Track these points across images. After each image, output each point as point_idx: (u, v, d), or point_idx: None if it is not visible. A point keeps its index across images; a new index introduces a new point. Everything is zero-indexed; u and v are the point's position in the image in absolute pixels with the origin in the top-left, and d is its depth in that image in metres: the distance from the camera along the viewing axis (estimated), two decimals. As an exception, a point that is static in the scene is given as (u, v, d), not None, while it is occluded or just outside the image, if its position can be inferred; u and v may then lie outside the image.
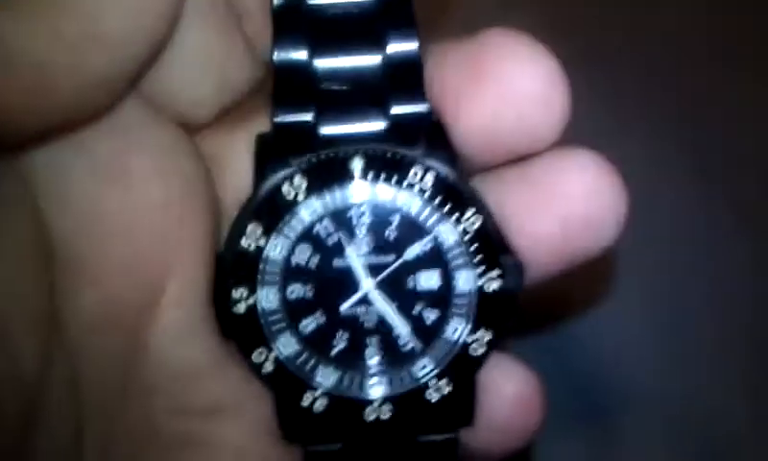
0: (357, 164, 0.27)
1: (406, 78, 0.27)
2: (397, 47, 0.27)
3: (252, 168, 0.28)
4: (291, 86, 0.27)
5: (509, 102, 0.27)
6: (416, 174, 0.27)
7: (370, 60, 0.27)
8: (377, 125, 0.28)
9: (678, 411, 0.41)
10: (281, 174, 0.27)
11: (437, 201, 0.27)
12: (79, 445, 0.27)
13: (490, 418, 0.29)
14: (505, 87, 0.27)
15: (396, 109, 0.27)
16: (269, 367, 0.28)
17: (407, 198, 0.27)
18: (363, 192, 0.27)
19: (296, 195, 0.27)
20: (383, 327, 0.28)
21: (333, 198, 0.27)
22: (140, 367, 0.27)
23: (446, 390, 0.28)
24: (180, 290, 0.27)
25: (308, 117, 0.27)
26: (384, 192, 0.27)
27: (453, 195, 0.27)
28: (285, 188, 0.27)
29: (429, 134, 0.27)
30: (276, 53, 0.27)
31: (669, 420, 0.40)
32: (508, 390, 0.29)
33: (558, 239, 0.28)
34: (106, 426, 0.27)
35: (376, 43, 0.27)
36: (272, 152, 0.28)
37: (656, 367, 0.41)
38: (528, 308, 0.29)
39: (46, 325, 0.25)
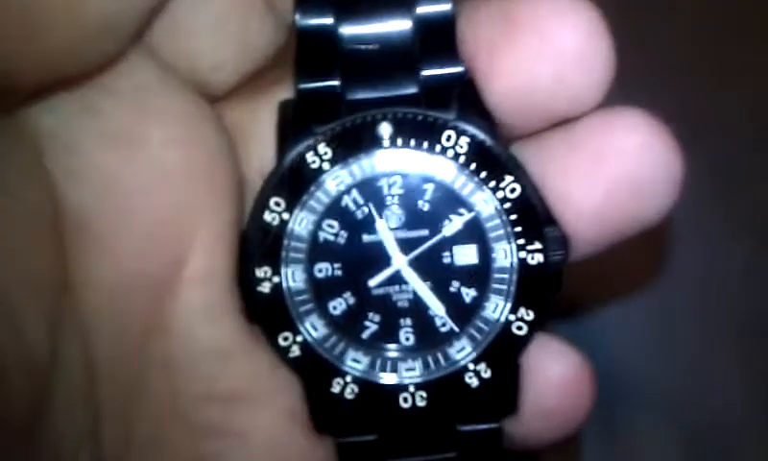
0: (385, 129, 0.25)
1: (438, 38, 0.25)
2: (429, 8, 0.25)
3: (275, 138, 0.26)
4: (315, 51, 0.25)
5: (546, 58, 0.24)
6: (449, 138, 0.25)
7: (400, 25, 0.26)
8: (408, 89, 0.26)
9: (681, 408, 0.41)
10: (305, 143, 0.25)
11: (472, 167, 0.25)
12: (97, 425, 0.25)
13: (534, 404, 0.27)
14: (541, 42, 0.24)
15: (428, 72, 0.25)
16: (296, 351, 0.26)
17: (440, 165, 0.25)
18: (393, 160, 0.25)
19: (320, 165, 0.25)
20: (417, 307, 0.26)
21: (360, 167, 0.25)
22: (161, 346, 0.26)
23: (487, 374, 0.26)
24: (204, 265, 0.26)
25: (334, 83, 0.25)
26: (415, 159, 0.25)
27: (490, 161, 0.25)
28: (309, 158, 0.25)
29: (462, 97, 0.25)
30: (298, 17, 0.25)
31: (670, 415, 0.40)
32: (554, 373, 0.27)
33: (604, 207, 0.25)
34: (126, 408, 0.26)
35: (406, 5, 0.25)
36: (295, 120, 0.26)
37: (657, 363, 0.41)
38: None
39: (55, 297, 0.23)
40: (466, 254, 0.26)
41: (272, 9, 0.26)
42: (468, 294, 0.26)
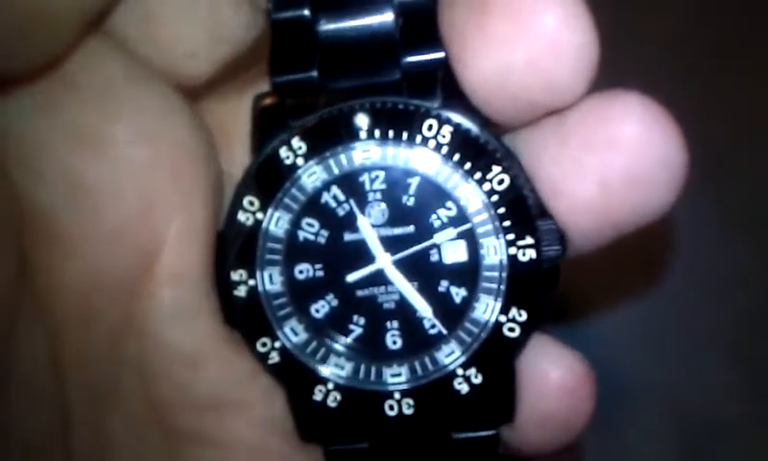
0: (362, 120, 0.24)
1: (419, 24, 0.24)
2: None
3: (249, 134, 0.25)
4: (291, 44, 0.24)
5: (518, 44, 0.22)
6: (430, 128, 0.24)
7: (381, 17, 0.24)
8: (390, 76, 0.24)
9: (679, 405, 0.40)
10: (279, 138, 0.24)
11: (456, 158, 0.24)
12: (68, 427, 0.24)
13: (532, 410, 0.25)
14: (513, 27, 0.22)
15: (410, 58, 0.24)
16: (275, 357, 0.25)
17: (422, 157, 0.24)
18: (371, 153, 0.24)
19: (294, 160, 0.24)
20: (404, 309, 0.25)
21: (338, 161, 0.24)
22: (134, 348, 0.24)
23: (477, 379, 0.25)
24: (174, 265, 0.24)
25: (311, 73, 0.24)
26: (395, 151, 0.24)
27: (475, 151, 0.24)
28: (283, 153, 0.24)
29: (447, 83, 0.24)
30: (272, 10, 0.24)
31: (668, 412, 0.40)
32: (552, 377, 0.25)
33: (598, 200, 0.23)
34: (98, 410, 0.25)
35: None
36: (270, 114, 0.25)
37: (655, 362, 0.41)
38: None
39: (13, 297, 0.22)
40: (454, 252, 0.24)
41: None
42: (458, 294, 0.25)
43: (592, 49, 0.22)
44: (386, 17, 0.24)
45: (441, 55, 0.23)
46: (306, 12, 0.24)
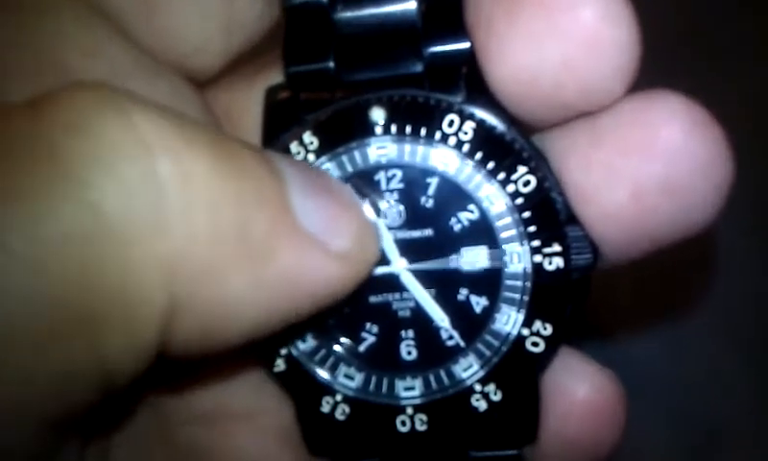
0: (378, 114, 0.22)
1: (444, 12, 0.22)
2: None
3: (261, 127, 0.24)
4: (306, 32, 0.22)
5: (552, 41, 0.20)
6: (451, 123, 0.22)
7: (403, 6, 0.22)
8: (411, 69, 0.22)
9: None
10: (290, 132, 0.22)
11: (478, 157, 0.22)
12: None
13: (557, 430, 0.24)
14: (547, 22, 0.20)
15: (434, 48, 0.22)
16: (281, 365, 0.23)
17: (442, 154, 0.22)
18: (387, 149, 0.22)
19: (305, 156, 0.22)
20: (420, 318, 0.23)
21: (351, 158, 0.22)
22: None
23: (497, 397, 0.23)
24: None
25: (328, 64, 0.22)
26: (413, 148, 0.22)
27: (500, 149, 0.22)
28: (294, 148, 0.22)
29: (472, 76, 0.22)
30: (287, 3, 0.22)
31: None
32: (579, 396, 0.23)
33: (631, 210, 0.21)
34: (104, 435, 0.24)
35: None
36: (283, 108, 0.23)
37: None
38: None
39: None
40: (475, 257, 0.23)
41: None
42: (479, 303, 0.23)
43: (634, 47, 0.20)
44: (409, 5, 0.22)
45: (466, 45, 0.22)
46: (323, 1, 0.22)
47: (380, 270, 0.23)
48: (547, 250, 0.22)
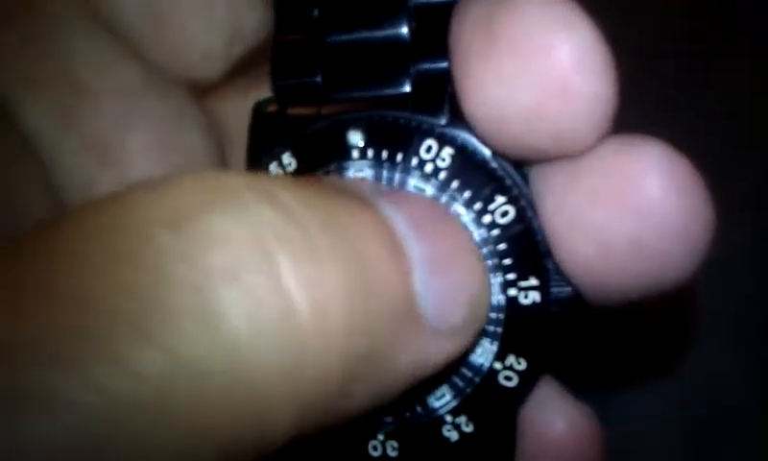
0: (356, 137, 0.22)
1: (432, 27, 0.22)
2: None
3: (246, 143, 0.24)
4: (296, 47, 0.22)
5: (522, 81, 0.19)
6: (429, 149, 0.21)
7: (394, 24, 0.22)
8: (399, 89, 0.22)
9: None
10: (270, 152, 0.22)
11: (455, 185, 0.21)
12: None
13: None
14: (519, 60, 0.19)
15: (422, 66, 0.22)
16: None
17: (417, 181, 0.22)
18: (364, 173, 0.22)
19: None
20: None
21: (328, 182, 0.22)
22: None
23: (468, 428, 0.22)
24: None
25: (315, 79, 0.22)
26: (390, 175, 0.22)
27: (478, 177, 0.21)
28: (273, 169, 0.22)
29: (455, 99, 0.21)
30: (277, 9, 0.22)
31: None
32: (555, 432, 0.23)
33: (596, 262, 0.20)
34: None
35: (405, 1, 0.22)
36: (267, 123, 0.23)
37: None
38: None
39: None
40: None
41: None
42: None
43: (608, 99, 0.19)
44: (401, 28, 0.22)
45: (447, 64, 0.21)
46: (315, 15, 0.22)
47: None
48: (523, 283, 0.21)
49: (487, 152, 0.21)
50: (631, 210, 0.19)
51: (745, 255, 0.39)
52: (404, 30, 0.22)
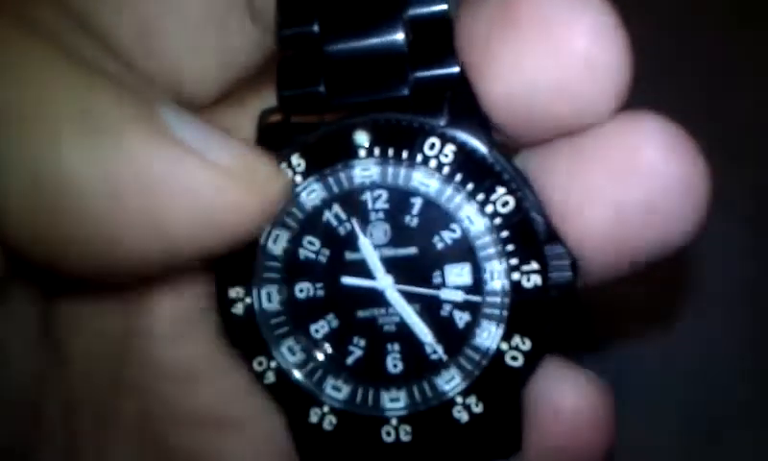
0: (362, 137, 0.23)
1: (433, 39, 0.23)
2: (422, 10, 0.23)
3: None
4: (299, 59, 0.23)
5: (547, 62, 0.21)
6: (432, 146, 0.23)
7: (391, 32, 0.23)
8: (398, 93, 0.23)
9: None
10: (279, 154, 0.23)
11: (458, 178, 0.23)
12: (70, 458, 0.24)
13: (542, 441, 0.24)
14: (543, 43, 0.21)
15: (421, 73, 0.23)
16: (271, 377, 0.24)
17: (422, 177, 0.23)
18: (371, 171, 0.23)
19: (293, 177, 0.23)
20: (406, 332, 0.24)
21: (337, 179, 0.23)
22: (131, 367, 0.24)
23: (478, 408, 0.24)
24: (177, 279, 0.24)
25: (318, 89, 0.23)
26: (396, 171, 0.23)
27: (479, 171, 0.23)
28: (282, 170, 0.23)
29: (456, 100, 0.23)
30: (280, 26, 0.23)
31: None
32: (566, 405, 0.24)
33: (613, 230, 0.22)
34: (99, 437, 0.25)
35: (397, 10, 0.23)
36: (274, 131, 0.24)
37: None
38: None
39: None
40: (459, 275, 0.23)
41: (252, 9, 0.24)
42: (462, 318, 0.24)
43: (626, 69, 0.21)
44: (396, 36, 0.23)
45: (455, 70, 0.23)
46: (315, 29, 0.23)
47: (367, 284, 0.24)
48: (525, 268, 0.23)
49: (484, 148, 0.23)
50: (641, 177, 0.21)
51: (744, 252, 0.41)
52: (400, 37, 0.23)
